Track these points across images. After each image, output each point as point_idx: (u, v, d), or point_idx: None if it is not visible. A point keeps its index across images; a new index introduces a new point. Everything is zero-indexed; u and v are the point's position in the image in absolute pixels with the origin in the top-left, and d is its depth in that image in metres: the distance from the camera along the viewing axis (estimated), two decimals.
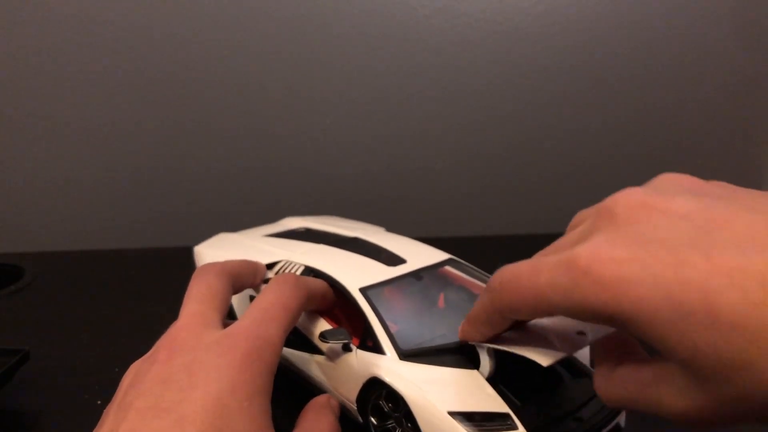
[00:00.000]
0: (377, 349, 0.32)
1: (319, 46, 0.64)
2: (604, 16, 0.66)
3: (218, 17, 0.62)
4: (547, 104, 0.69)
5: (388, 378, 0.30)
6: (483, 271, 0.39)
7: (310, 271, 0.37)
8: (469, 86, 0.67)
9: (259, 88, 0.65)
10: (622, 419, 0.30)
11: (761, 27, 0.67)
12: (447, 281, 0.37)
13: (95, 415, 0.35)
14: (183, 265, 0.34)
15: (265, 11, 0.63)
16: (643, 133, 0.71)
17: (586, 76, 0.68)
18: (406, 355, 0.31)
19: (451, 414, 0.27)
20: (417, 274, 0.36)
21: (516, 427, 0.27)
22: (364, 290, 0.34)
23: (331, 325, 0.34)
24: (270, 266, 0.39)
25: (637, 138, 0.71)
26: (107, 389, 0.27)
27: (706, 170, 0.72)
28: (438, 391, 0.28)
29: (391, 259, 0.37)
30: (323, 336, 0.32)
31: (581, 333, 0.28)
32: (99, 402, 0.36)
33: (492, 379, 0.30)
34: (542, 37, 0.66)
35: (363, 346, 0.32)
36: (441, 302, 0.36)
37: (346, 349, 0.33)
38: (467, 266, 0.39)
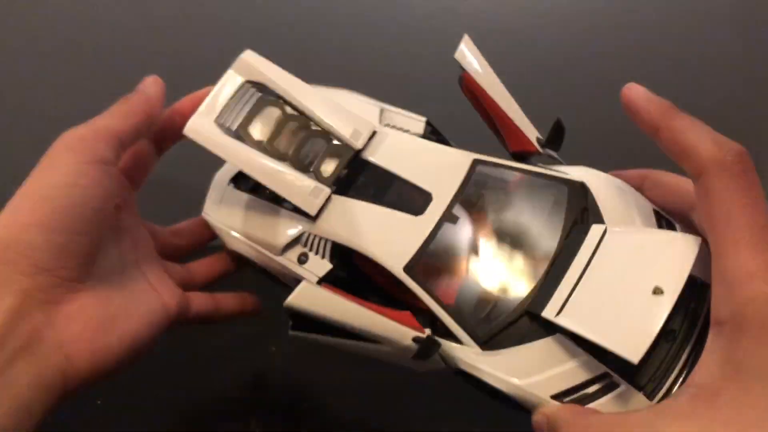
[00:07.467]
0: (451, 335, 0.30)
1: (317, 44, 0.64)
2: (604, 16, 0.66)
3: (217, 15, 0.62)
4: (546, 104, 0.68)
5: (478, 374, 0.29)
6: (518, 163, 0.35)
7: (339, 249, 0.33)
8: None
9: None
10: None
11: (761, 27, 0.67)
12: (485, 202, 0.33)
13: (95, 415, 0.35)
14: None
15: (264, 9, 0.62)
16: (643, 132, 0.71)
17: (585, 75, 0.68)
18: (485, 342, 0.29)
19: (554, 397, 0.28)
20: (451, 217, 0.32)
21: (618, 385, 0.27)
22: (409, 268, 0.31)
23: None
24: (291, 245, 0.34)
25: (637, 137, 0.71)
26: (107, 389, 0.27)
27: None
28: (535, 379, 0.28)
29: (413, 198, 0.33)
30: (422, 343, 0.29)
31: (658, 291, 0.27)
32: (99, 402, 0.36)
33: (576, 338, 0.28)
34: (542, 37, 0.66)
35: (435, 331, 0.30)
36: (489, 236, 0.32)
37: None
38: (499, 164, 0.35)
